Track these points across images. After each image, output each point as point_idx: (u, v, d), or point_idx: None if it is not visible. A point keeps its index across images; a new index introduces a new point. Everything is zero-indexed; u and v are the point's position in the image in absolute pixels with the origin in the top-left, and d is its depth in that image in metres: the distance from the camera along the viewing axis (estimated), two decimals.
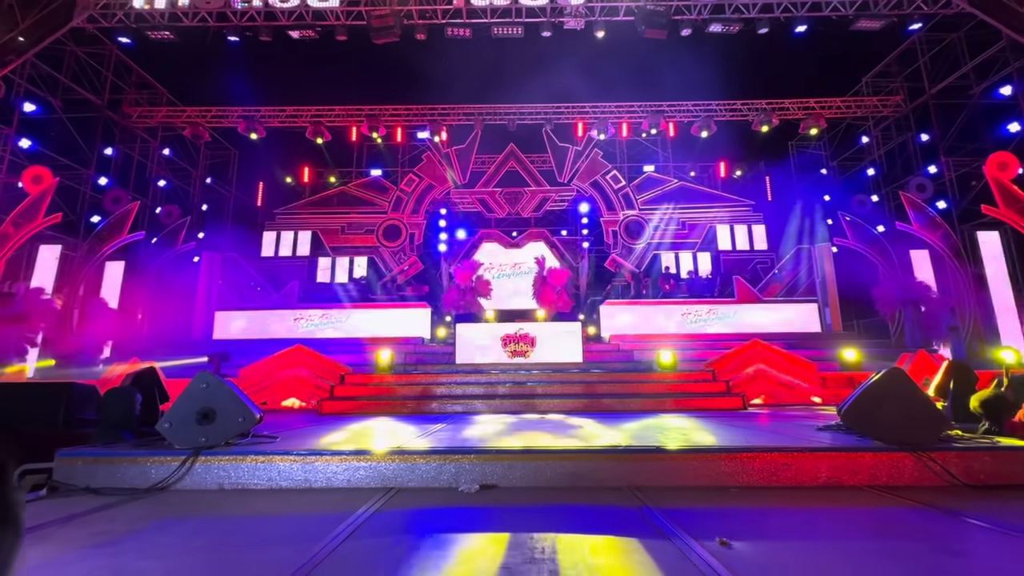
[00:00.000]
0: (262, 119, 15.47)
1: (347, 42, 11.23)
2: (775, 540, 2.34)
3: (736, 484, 3.21)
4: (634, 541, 2.26)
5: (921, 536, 2.35)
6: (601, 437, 4.28)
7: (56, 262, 11.85)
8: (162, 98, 15.69)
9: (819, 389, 8.57)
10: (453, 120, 16.38)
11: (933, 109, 13.88)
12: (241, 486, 3.27)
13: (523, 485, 3.24)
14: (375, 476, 3.27)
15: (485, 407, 7.29)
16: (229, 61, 13.99)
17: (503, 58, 14.17)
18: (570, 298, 12.57)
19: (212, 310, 12.53)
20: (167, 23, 10.84)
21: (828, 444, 3.51)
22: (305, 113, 15.80)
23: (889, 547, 2.22)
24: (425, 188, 17.25)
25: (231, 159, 18.02)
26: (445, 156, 17.12)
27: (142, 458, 3.34)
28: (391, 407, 7.33)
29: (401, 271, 16.43)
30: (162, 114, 15.22)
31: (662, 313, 12.25)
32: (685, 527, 2.40)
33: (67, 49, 12.87)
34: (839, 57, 14.22)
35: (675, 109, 15.85)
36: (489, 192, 17.62)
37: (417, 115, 16.21)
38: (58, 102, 12.80)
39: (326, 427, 5.27)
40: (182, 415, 3.54)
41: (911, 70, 14.69)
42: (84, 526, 2.55)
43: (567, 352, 9.65)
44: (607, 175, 17.18)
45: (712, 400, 7.45)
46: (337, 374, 8.52)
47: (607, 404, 7.28)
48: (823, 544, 2.28)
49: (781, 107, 15.45)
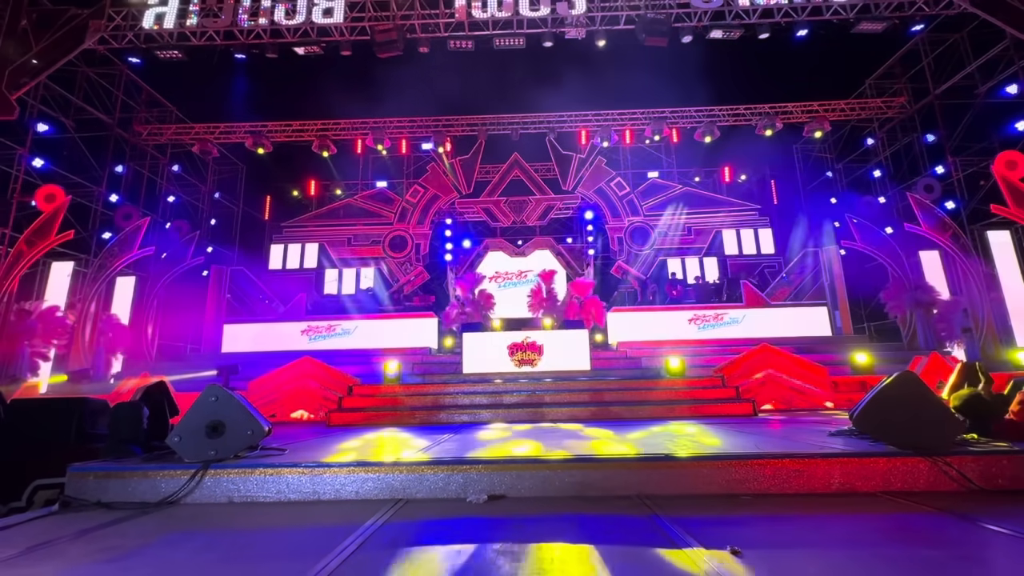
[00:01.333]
0: (269, 134, 15.69)
1: (351, 56, 11.39)
2: (787, 548, 2.30)
3: (747, 492, 3.17)
4: (644, 550, 2.24)
5: (938, 543, 2.31)
6: (610, 446, 4.25)
7: (68, 278, 12.03)
8: (171, 116, 15.97)
9: (831, 394, 8.47)
10: (457, 131, 16.51)
11: (938, 109, 13.81)
12: (250, 499, 3.28)
13: (532, 495, 3.22)
14: (383, 487, 3.27)
15: (493, 416, 7.27)
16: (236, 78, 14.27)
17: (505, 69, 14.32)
18: (597, 307, 11.77)
19: (221, 323, 12.63)
20: (176, 42, 11.05)
21: (840, 450, 3.46)
22: (311, 127, 16.00)
23: (905, 554, 2.18)
24: (430, 199, 17.37)
25: (239, 174, 18.26)
26: (450, 167, 17.25)
27: (152, 472, 3.36)
28: (399, 418, 7.33)
29: (407, 281, 16.51)
30: (171, 131, 15.48)
31: (669, 319, 12.19)
32: (696, 536, 2.38)
33: (79, 70, 13.16)
34: (841, 59, 14.20)
35: (678, 115, 15.89)
36: (494, 201, 17.71)
37: (421, 127, 16.37)
38: (70, 122, 13.07)
39: (334, 439, 5.28)
40: (192, 428, 3.56)
41: (915, 71, 14.65)
42: (95, 541, 2.57)
43: (575, 360, 9.61)
44: (611, 182, 17.21)
45: (722, 406, 7.38)
46: (345, 385, 8.54)
47: (616, 412, 7.24)
48: (836, 552, 2.25)
49: (784, 111, 15.44)
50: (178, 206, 16.18)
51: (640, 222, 16.93)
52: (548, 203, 17.63)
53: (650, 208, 17.10)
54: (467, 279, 12.62)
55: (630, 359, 10.58)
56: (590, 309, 11.67)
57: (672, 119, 15.89)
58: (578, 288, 12.09)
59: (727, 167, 17.96)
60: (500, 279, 16.04)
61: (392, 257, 16.96)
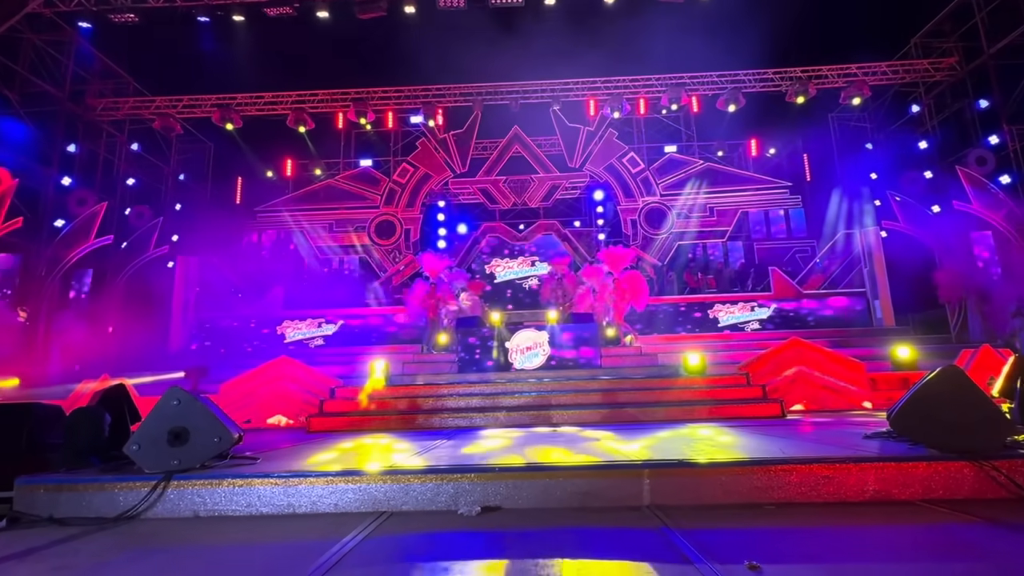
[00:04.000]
0: (238, 107, 15.63)
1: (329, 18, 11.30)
2: (814, 563, 2.30)
3: (770, 500, 3.17)
4: (650, 566, 2.24)
5: (984, 556, 2.31)
6: (620, 451, 4.26)
7: (17, 271, 12.07)
8: (129, 88, 15.91)
9: (868, 392, 8.46)
10: (449, 102, 16.42)
11: (993, 71, 13.63)
12: (218, 513, 3.30)
13: (530, 506, 3.24)
14: (365, 499, 3.28)
15: (491, 420, 7.29)
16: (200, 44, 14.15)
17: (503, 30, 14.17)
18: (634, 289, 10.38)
19: (189, 320, 12.68)
20: (131, 4, 11.00)
21: (876, 453, 3.45)
22: (285, 99, 15.94)
23: (947, 569, 2.18)
24: (421, 179, 17.32)
25: (206, 153, 18.24)
26: (442, 142, 17.17)
27: (109, 484, 3.38)
28: (386, 422, 7.35)
29: (396, 271, 16.51)
30: (129, 105, 15.44)
31: (689, 311, 12.15)
32: (710, 550, 2.38)
33: (23, 37, 13.08)
34: (884, 16, 14.04)
35: (698, 81, 15.75)
36: (492, 181, 17.64)
37: (409, 97, 16.28)
38: (14, 95, 13.02)
39: (314, 446, 5.31)
40: (152, 436, 3.58)
41: (967, 28, 14.44)
42: (45, 560, 2.59)
43: (583, 357, 9.66)
44: (623, 158, 17.12)
45: (746, 407, 7.39)
46: (327, 387, 8.58)
47: (629, 414, 7.25)
48: (870, 567, 2.24)
49: (818, 75, 15.28)
50: (139, 190, 16.17)
51: (656, 202, 16.86)
52: (553, 182, 17.56)
53: (667, 187, 17.02)
54: (432, 260, 11.89)
55: (645, 356, 10.60)
56: (624, 290, 10.29)
57: (692, 86, 15.75)
58: (589, 271, 11.25)
59: (754, 140, 17.84)
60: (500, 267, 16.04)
61: (379, 244, 16.96)
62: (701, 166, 17.24)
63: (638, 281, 10.52)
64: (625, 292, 10.34)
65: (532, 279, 15.56)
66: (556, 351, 9.70)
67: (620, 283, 10.39)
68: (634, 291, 10.40)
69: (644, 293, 10.50)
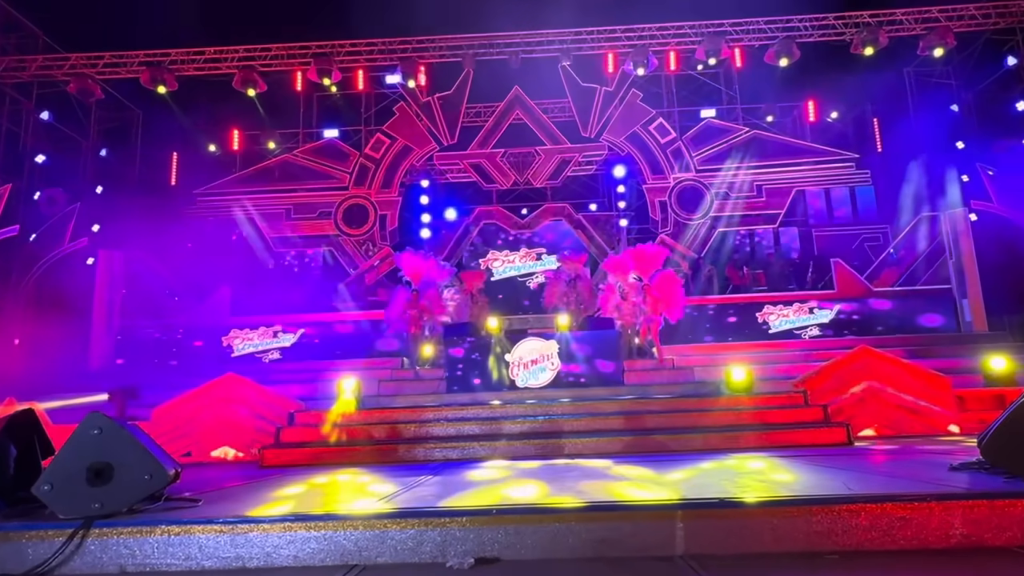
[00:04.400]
0: (172, 66, 15.66)
1: None
2: None
3: (832, 548, 3.18)
4: None
5: None
6: (647, 488, 4.27)
7: None
8: (36, 43, 15.94)
9: (955, 413, 8.49)
10: (434, 56, 16.43)
11: None
12: (150, 568, 3.31)
13: (536, 556, 3.24)
14: (332, 550, 3.29)
15: (489, 451, 7.31)
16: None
17: None
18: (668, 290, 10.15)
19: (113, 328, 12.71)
20: None
21: (964, 489, 3.47)
22: (230, 55, 15.96)
23: None
24: (399, 152, 17.34)
25: (134, 123, 18.27)
26: (425, 107, 17.18)
27: (16, 533, 3.39)
28: (358, 455, 7.39)
29: (370, 268, 16.54)
30: (37, 64, 15.47)
31: (732, 314, 12.16)
32: None
33: None
34: None
35: (741, 29, 15.75)
36: (487, 155, 17.66)
37: (384, 51, 16.29)
38: None
39: (268, 484, 5.33)
40: (68, 473, 3.59)
41: None
42: None
43: (601, 372, 9.67)
44: (650, 125, 17.13)
45: (804, 433, 7.43)
46: (284, 412, 8.61)
47: (658, 442, 7.30)
48: None
49: (891, 19, 15.28)
50: (51, 169, 16.20)
51: (691, 180, 16.87)
52: (562, 156, 17.57)
53: (704, 160, 17.04)
54: (418, 257, 11.81)
55: (678, 370, 10.64)
56: (654, 297, 10.01)
57: (734, 35, 15.75)
58: (614, 265, 10.99)
59: (811, 101, 17.82)
60: (498, 262, 16.07)
61: (348, 235, 16.98)
62: (746, 134, 17.24)
63: (672, 285, 10.40)
64: (658, 301, 10.19)
65: (538, 276, 15.60)
66: (568, 365, 9.70)
67: (651, 290, 10.22)
68: (667, 298, 10.28)
69: (679, 300, 10.40)
